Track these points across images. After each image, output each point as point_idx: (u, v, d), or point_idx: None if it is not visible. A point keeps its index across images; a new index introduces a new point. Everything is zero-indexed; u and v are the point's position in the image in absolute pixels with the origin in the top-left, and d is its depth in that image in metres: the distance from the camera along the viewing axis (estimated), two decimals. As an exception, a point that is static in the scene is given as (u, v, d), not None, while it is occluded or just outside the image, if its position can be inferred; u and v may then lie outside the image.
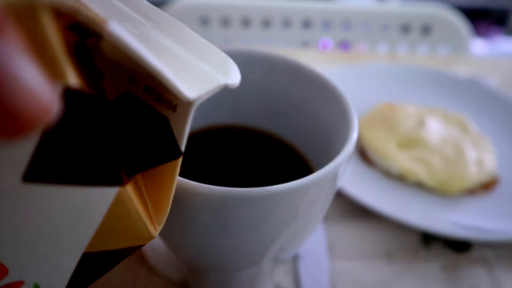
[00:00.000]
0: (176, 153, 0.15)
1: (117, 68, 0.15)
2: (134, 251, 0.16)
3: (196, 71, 0.14)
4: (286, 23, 0.69)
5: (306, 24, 0.69)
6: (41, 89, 0.08)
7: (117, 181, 0.13)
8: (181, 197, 0.17)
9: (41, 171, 0.11)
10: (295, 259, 0.29)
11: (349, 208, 0.34)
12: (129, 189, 0.14)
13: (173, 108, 0.15)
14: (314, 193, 0.18)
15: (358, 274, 0.29)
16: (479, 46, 1.33)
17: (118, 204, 0.13)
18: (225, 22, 0.68)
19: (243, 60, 0.25)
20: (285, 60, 0.25)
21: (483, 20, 1.52)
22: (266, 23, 0.69)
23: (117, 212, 0.14)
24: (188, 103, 0.14)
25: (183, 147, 0.15)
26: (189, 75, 0.14)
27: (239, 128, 0.28)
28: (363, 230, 0.32)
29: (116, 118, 0.16)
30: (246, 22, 0.69)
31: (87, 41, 0.13)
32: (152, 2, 0.16)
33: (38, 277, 0.14)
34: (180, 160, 0.15)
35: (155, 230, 0.15)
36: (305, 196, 0.18)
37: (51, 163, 0.11)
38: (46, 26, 0.10)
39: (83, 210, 0.13)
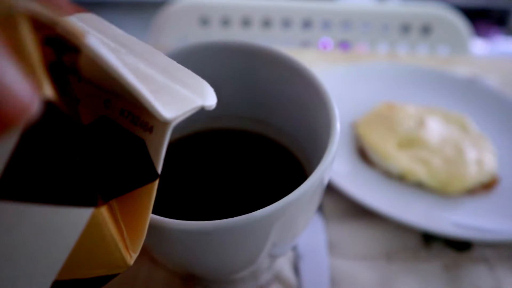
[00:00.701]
0: (153, 175, 0.15)
1: (93, 92, 0.15)
2: (107, 281, 0.15)
3: (173, 93, 0.14)
4: (286, 23, 0.69)
5: (306, 24, 0.69)
6: (21, 86, 0.09)
7: (91, 202, 0.12)
8: (153, 232, 0.17)
9: (12, 188, 0.11)
10: (296, 258, 0.29)
11: (349, 208, 0.34)
12: (104, 211, 0.13)
13: (150, 129, 0.15)
14: (297, 207, 0.18)
15: (358, 274, 0.29)
16: (479, 46, 1.33)
17: (92, 226, 0.13)
18: (225, 22, 0.68)
19: (222, 50, 0.25)
20: (264, 49, 0.25)
21: (483, 20, 1.52)
22: (266, 23, 0.69)
23: (91, 236, 0.13)
24: (164, 124, 0.14)
25: (159, 169, 0.15)
26: (166, 97, 0.14)
27: (222, 129, 0.28)
28: (363, 230, 0.32)
29: (91, 142, 0.15)
30: (246, 22, 0.69)
31: (64, 58, 0.13)
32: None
33: None
34: (156, 183, 0.15)
35: (130, 258, 0.15)
36: (285, 212, 0.17)
37: (23, 181, 0.11)
38: (24, 34, 0.09)
39: (56, 232, 0.12)
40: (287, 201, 0.17)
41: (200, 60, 0.25)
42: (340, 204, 0.34)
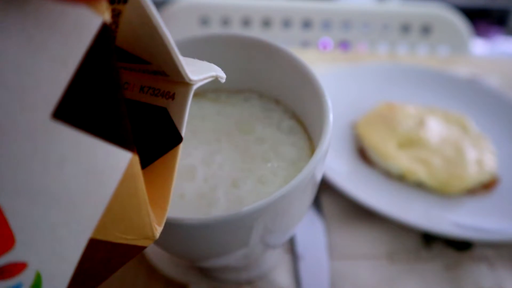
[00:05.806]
0: (177, 139, 0.16)
1: None
2: (135, 254, 0.16)
3: (189, 67, 0.16)
4: (286, 23, 0.69)
5: (306, 24, 0.69)
6: None
7: (131, 146, 0.13)
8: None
9: (70, 110, 0.11)
10: (295, 259, 0.29)
11: (349, 208, 0.34)
12: (138, 163, 0.14)
13: (172, 96, 0.16)
14: (287, 202, 0.18)
15: (359, 275, 0.29)
16: (479, 46, 1.33)
17: (128, 179, 0.13)
18: (225, 22, 0.68)
19: (212, 42, 0.25)
20: (261, 42, 0.25)
21: (483, 20, 1.52)
22: (266, 23, 0.69)
23: (126, 190, 0.13)
24: (187, 86, 0.15)
25: (183, 133, 0.16)
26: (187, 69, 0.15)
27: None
28: (363, 230, 0.32)
29: None
30: (246, 22, 0.69)
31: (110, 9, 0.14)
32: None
33: (42, 262, 0.13)
34: (180, 146, 0.16)
35: (156, 230, 0.15)
36: (276, 207, 0.18)
37: (80, 105, 0.11)
38: None
39: (98, 175, 0.13)
40: (274, 197, 0.17)
41: (191, 53, 0.26)
42: (340, 205, 0.34)
